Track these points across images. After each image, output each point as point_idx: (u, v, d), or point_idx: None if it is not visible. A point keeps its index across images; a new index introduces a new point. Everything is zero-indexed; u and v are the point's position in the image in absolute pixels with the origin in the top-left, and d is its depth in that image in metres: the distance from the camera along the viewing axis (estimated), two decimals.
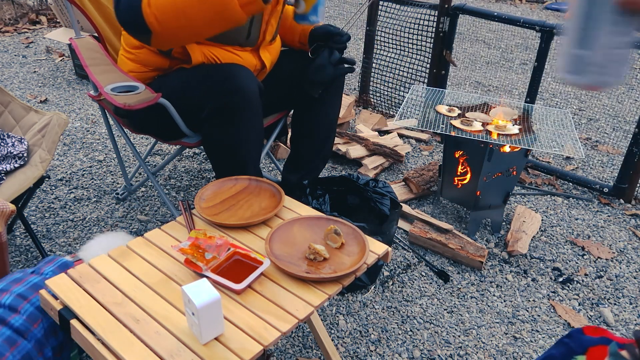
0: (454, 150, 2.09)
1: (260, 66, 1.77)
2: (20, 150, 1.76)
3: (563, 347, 0.91)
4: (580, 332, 0.91)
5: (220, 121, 1.57)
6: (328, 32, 1.82)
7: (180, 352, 0.99)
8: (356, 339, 1.63)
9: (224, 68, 1.59)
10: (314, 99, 1.87)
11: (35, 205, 2.19)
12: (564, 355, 0.90)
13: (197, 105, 1.59)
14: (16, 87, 3.40)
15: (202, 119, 1.61)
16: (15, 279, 1.19)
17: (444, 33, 2.74)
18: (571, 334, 0.91)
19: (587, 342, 0.89)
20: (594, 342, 0.88)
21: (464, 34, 4.96)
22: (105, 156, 2.60)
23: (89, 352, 1.04)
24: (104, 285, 1.15)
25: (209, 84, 1.55)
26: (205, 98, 1.56)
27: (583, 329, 0.91)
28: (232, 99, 1.53)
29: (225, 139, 1.61)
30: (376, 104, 3.33)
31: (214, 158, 1.70)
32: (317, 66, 1.78)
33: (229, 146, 1.63)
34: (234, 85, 1.52)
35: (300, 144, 2.01)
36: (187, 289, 0.99)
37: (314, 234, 1.34)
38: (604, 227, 2.25)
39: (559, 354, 0.91)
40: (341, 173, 2.51)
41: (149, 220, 2.14)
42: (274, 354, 1.55)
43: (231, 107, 1.54)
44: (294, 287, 1.17)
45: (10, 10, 4.78)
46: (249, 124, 1.59)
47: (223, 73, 1.56)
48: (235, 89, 1.52)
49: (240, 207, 1.44)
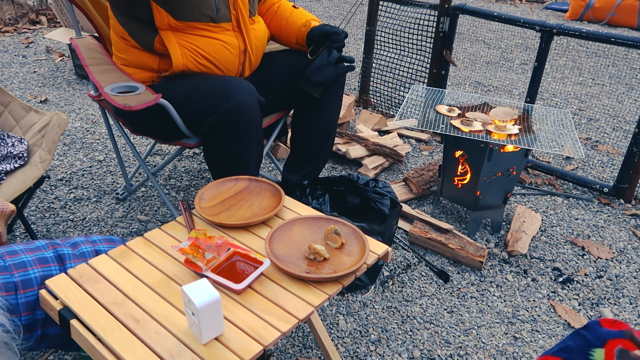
0: (454, 150, 2.09)
1: (244, 47, 1.75)
2: (20, 150, 1.76)
3: (580, 339, 0.89)
4: (598, 324, 0.88)
5: (220, 135, 1.59)
6: (325, 32, 1.82)
7: (180, 352, 0.99)
8: (356, 339, 1.63)
9: (223, 82, 1.60)
10: (314, 99, 1.87)
11: (35, 205, 2.19)
12: (581, 347, 0.88)
13: (197, 118, 1.62)
14: (16, 87, 3.40)
15: (202, 132, 1.62)
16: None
17: (444, 33, 2.74)
18: (589, 325, 0.89)
19: (605, 335, 0.86)
20: (613, 335, 0.86)
21: (464, 34, 4.96)
22: (105, 156, 2.60)
23: (89, 352, 1.04)
24: (104, 285, 1.15)
25: (210, 100, 1.56)
26: (206, 113, 1.58)
27: (600, 321, 0.89)
28: (232, 117, 1.54)
29: (225, 153, 1.63)
30: (376, 104, 3.33)
31: (213, 168, 1.71)
32: (316, 67, 1.79)
33: (229, 160, 1.64)
34: (234, 103, 1.53)
35: (300, 144, 2.01)
36: (187, 289, 0.99)
37: (314, 234, 1.34)
38: (604, 227, 2.25)
39: (575, 346, 0.89)
40: (341, 173, 2.51)
41: (149, 220, 2.14)
42: (274, 354, 1.55)
43: (231, 124, 1.55)
44: (294, 287, 1.17)
45: (10, 10, 4.78)
46: (248, 139, 1.60)
47: (222, 89, 1.57)
48: (235, 106, 1.53)
49: (240, 207, 1.44)
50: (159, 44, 1.66)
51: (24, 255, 1.20)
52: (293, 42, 1.94)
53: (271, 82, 1.86)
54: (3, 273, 1.15)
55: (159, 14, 1.62)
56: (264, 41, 1.87)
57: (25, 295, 1.15)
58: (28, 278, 1.16)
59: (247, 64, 1.80)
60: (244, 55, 1.77)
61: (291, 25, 1.90)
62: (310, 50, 1.87)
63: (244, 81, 1.63)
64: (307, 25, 1.87)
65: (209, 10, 1.65)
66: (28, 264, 1.19)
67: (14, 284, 1.14)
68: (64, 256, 1.25)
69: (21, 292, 1.15)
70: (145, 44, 1.68)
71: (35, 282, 1.17)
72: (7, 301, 1.12)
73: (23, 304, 1.14)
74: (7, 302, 1.12)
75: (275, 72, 1.89)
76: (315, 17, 1.95)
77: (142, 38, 1.68)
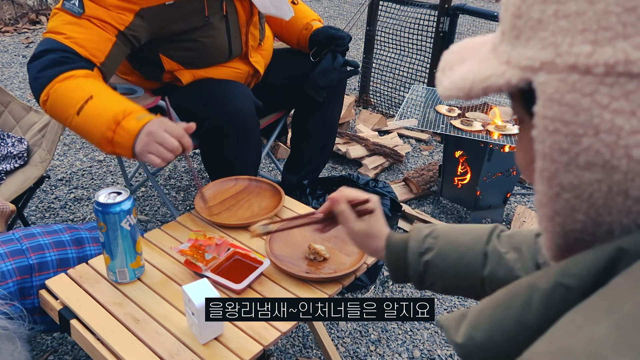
0: (454, 150, 2.09)
1: (253, 71, 1.76)
2: (20, 150, 1.76)
3: None
4: None
5: (217, 141, 1.58)
6: (330, 36, 1.80)
7: (180, 352, 0.99)
8: (356, 339, 1.63)
9: (220, 87, 1.59)
10: (315, 100, 1.86)
11: (35, 205, 2.19)
12: None
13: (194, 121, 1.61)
14: (16, 87, 3.40)
15: (199, 135, 1.61)
16: None
17: (444, 33, 2.74)
18: None
19: None
20: None
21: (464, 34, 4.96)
22: (105, 156, 2.60)
23: (89, 352, 1.04)
24: (104, 285, 1.15)
25: (207, 104, 1.55)
26: (203, 117, 1.56)
27: None
28: (227, 122, 1.53)
29: (222, 156, 1.62)
30: (376, 104, 3.33)
31: (211, 171, 1.70)
32: (321, 71, 1.77)
33: (226, 163, 1.62)
34: (229, 108, 1.52)
35: (300, 145, 2.00)
36: (187, 289, 0.99)
37: (314, 234, 1.34)
38: None
39: None
40: (341, 173, 2.51)
41: (149, 220, 2.14)
42: (274, 354, 1.55)
43: (227, 128, 1.54)
44: (294, 287, 1.16)
45: (10, 10, 4.78)
46: (245, 143, 1.59)
47: (219, 93, 1.56)
48: (230, 111, 1.52)
49: (240, 207, 1.44)
50: (169, 76, 1.63)
51: (41, 238, 1.23)
52: (294, 42, 1.93)
53: (273, 82, 1.85)
54: (19, 257, 1.17)
55: (168, 64, 1.59)
56: (270, 53, 1.87)
57: (40, 278, 1.18)
58: (44, 261, 1.20)
59: (254, 81, 1.82)
60: (252, 76, 1.79)
61: (292, 26, 1.89)
62: (312, 53, 1.85)
63: (241, 85, 1.62)
64: (309, 28, 1.85)
65: (221, 57, 1.64)
66: (45, 247, 1.21)
67: (30, 267, 1.17)
68: (82, 239, 1.28)
69: (36, 274, 1.18)
70: (153, 77, 1.65)
71: (52, 265, 1.20)
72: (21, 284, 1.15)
73: (37, 287, 1.16)
74: (23, 285, 1.16)
75: (277, 72, 1.88)
76: (316, 15, 1.93)
77: (149, 74, 1.65)
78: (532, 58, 0.39)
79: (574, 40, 0.36)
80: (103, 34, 1.37)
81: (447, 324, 0.50)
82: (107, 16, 1.36)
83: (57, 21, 1.37)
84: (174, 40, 1.54)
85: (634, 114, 0.35)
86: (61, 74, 1.31)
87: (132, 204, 1.10)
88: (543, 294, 0.42)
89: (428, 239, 0.86)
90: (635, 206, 0.37)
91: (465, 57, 0.49)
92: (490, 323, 0.45)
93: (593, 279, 0.39)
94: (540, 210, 0.42)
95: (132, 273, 1.15)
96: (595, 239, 0.41)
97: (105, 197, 1.07)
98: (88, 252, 1.28)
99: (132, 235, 1.11)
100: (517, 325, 0.43)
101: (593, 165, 0.37)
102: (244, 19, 1.64)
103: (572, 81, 0.36)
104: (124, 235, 1.10)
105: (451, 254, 0.84)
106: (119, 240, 1.10)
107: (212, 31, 1.57)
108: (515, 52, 0.41)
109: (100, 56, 1.38)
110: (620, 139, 0.35)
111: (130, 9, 1.39)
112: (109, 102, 1.30)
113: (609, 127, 0.36)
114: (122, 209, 1.07)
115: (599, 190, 0.38)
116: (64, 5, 1.37)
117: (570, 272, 0.40)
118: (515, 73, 0.40)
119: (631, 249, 0.37)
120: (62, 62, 1.32)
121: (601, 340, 0.33)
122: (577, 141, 0.37)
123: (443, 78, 0.49)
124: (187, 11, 1.50)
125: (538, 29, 0.39)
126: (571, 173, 0.38)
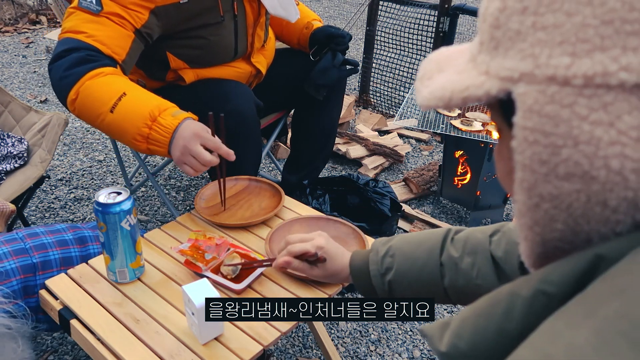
0: (454, 150, 2.09)
1: (256, 72, 1.76)
2: (20, 150, 1.76)
3: None
4: None
5: None
6: (330, 35, 1.81)
7: (180, 352, 0.99)
8: (356, 339, 1.63)
9: (221, 86, 1.59)
10: (315, 100, 1.86)
11: (35, 205, 2.19)
12: None
13: None
14: (16, 87, 3.40)
15: None
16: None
17: (444, 33, 2.74)
18: None
19: None
20: None
21: (464, 34, 4.96)
22: (105, 156, 2.60)
23: (89, 352, 1.04)
24: (104, 285, 1.15)
25: (207, 103, 1.55)
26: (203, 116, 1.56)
27: None
28: (227, 122, 1.53)
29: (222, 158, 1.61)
30: (376, 104, 3.33)
31: (210, 171, 1.70)
32: (321, 69, 1.77)
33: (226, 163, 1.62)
34: (229, 108, 1.51)
35: (300, 145, 2.00)
36: (187, 289, 0.99)
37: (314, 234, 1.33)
38: None
39: None
40: (341, 173, 2.51)
41: (149, 220, 2.14)
42: (274, 354, 1.55)
43: (228, 127, 1.54)
44: (294, 287, 1.16)
45: (10, 10, 4.78)
46: (245, 143, 1.59)
47: (220, 93, 1.56)
48: (231, 110, 1.51)
49: (240, 207, 1.44)
50: (172, 75, 1.63)
51: (44, 237, 1.23)
52: (294, 42, 1.93)
53: (273, 82, 1.85)
54: (22, 255, 1.17)
55: (174, 62, 1.59)
56: (272, 54, 1.87)
57: (43, 277, 1.18)
58: (48, 260, 1.20)
59: (256, 81, 1.82)
60: (254, 77, 1.79)
61: (292, 26, 1.89)
62: (313, 52, 1.85)
63: (242, 85, 1.62)
64: (310, 27, 1.85)
65: (227, 56, 1.65)
66: (48, 246, 1.22)
67: (33, 265, 1.18)
68: (84, 238, 1.28)
69: (40, 273, 1.18)
70: (156, 76, 1.65)
71: (55, 264, 1.21)
72: (25, 283, 1.16)
73: (41, 285, 1.17)
74: (26, 283, 1.16)
75: (277, 72, 1.88)
76: (316, 16, 1.94)
77: (153, 73, 1.65)
78: (511, 69, 0.39)
79: (552, 52, 0.36)
80: (122, 31, 1.37)
81: (430, 332, 0.50)
82: (125, 13, 1.37)
83: (74, 20, 1.37)
84: (183, 38, 1.54)
85: (612, 125, 0.35)
86: (90, 71, 1.30)
87: (132, 204, 1.10)
88: (524, 302, 0.42)
89: (386, 259, 0.89)
90: (613, 216, 0.38)
91: (444, 67, 0.49)
92: (473, 331, 0.45)
93: (573, 286, 0.39)
94: (520, 220, 0.43)
95: (132, 273, 1.15)
96: (574, 247, 0.41)
97: (105, 197, 1.07)
98: (91, 250, 1.28)
99: (132, 235, 1.11)
100: (500, 333, 0.43)
101: (572, 176, 0.37)
102: (251, 19, 1.65)
103: (551, 92, 0.36)
104: (124, 235, 1.10)
105: (410, 269, 0.88)
106: (119, 240, 1.10)
107: (222, 30, 1.57)
108: (494, 62, 0.41)
109: (122, 53, 1.38)
110: (599, 150, 0.36)
111: (146, 6, 1.39)
112: (143, 98, 1.30)
113: (588, 138, 0.36)
114: (122, 209, 1.07)
115: (578, 201, 0.38)
116: (81, 3, 1.36)
117: (550, 279, 0.40)
118: (494, 83, 0.40)
119: (609, 255, 0.38)
120: (89, 60, 1.32)
121: (581, 345, 0.33)
122: (557, 152, 0.37)
123: (422, 88, 0.48)
124: (200, 10, 1.50)
125: (517, 40, 0.39)
126: (550, 184, 0.39)
